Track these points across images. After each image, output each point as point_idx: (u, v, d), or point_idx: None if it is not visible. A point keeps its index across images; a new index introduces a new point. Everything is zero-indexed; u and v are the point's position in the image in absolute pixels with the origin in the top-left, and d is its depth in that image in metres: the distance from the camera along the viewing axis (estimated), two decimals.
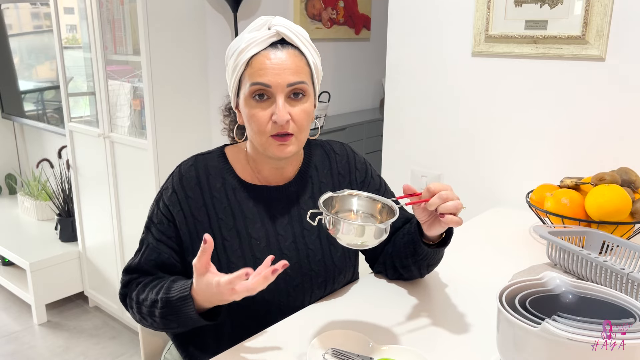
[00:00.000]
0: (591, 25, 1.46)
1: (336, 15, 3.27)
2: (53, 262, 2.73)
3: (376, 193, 1.14)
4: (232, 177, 1.06)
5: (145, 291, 1.00)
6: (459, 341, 0.94)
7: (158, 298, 0.96)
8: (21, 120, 3.37)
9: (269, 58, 0.94)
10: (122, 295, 1.07)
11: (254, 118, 0.97)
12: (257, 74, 0.95)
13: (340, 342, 0.91)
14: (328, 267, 1.09)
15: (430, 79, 1.82)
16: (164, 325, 0.98)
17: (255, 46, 0.95)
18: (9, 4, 3.24)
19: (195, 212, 1.03)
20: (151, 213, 1.07)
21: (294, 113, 0.96)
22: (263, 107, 0.96)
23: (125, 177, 2.40)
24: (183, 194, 1.03)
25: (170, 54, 2.20)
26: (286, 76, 0.94)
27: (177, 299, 0.92)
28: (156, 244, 1.04)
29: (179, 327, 0.97)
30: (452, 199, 0.91)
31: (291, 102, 0.97)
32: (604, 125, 1.50)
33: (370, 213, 0.94)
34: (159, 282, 1.00)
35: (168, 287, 0.96)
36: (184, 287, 0.93)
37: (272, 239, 1.05)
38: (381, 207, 0.93)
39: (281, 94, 0.95)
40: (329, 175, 1.13)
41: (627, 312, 0.73)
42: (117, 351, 2.48)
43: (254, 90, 0.95)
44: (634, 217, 1.27)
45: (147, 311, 0.98)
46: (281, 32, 0.96)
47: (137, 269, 1.05)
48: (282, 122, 0.94)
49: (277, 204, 1.07)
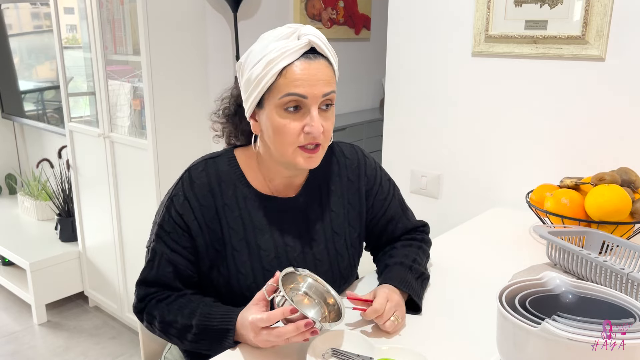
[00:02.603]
0: (591, 25, 1.46)
1: (336, 15, 3.27)
2: (53, 262, 2.72)
3: (382, 202, 1.15)
4: (243, 185, 1.04)
5: (172, 312, 0.98)
6: (459, 341, 0.94)
7: (193, 324, 0.95)
8: (21, 120, 3.37)
9: (303, 69, 0.92)
10: (137, 308, 1.04)
11: (285, 129, 0.94)
12: (292, 84, 0.92)
13: (340, 342, 0.91)
14: (335, 277, 1.09)
15: (430, 79, 1.82)
16: (190, 347, 0.98)
17: (289, 56, 0.92)
18: (9, 4, 3.24)
19: (208, 222, 1.01)
20: (161, 220, 1.02)
21: (325, 125, 0.96)
22: (295, 118, 0.94)
23: (125, 177, 2.40)
24: (196, 202, 1.01)
25: (170, 54, 2.20)
26: (321, 87, 0.93)
27: (219, 330, 0.92)
28: (170, 254, 1.01)
29: (208, 350, 0.96)
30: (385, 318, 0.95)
31: (321, 114, 0.96)
32: (604, 125, 1.50)
33: (323, 300, 0.95)
34: (187, 303, 0.99)
35: (207, 315, 0.95)
36: (227, 318, 0.92)
37: (281, 250, 1.04)
38: (333, 302, 0.94)
39: (315, 105, 0.94)
40: (338, 182, 1.12)
41: (627, 312, 0.73)
42: (117, 351, 2.48)
43: (287, 101, 0.93)
44: (633, 217, 1.27)
45: (176, 333, 0.97)
46: (313, 42, 0.93)
47: (154, 282, 1.02)
48: (317, 134, 0.94)
49: (286, 215, 1.06)
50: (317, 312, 0.94)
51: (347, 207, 1.12)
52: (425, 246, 1.18)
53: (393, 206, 1.17)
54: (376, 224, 1.16)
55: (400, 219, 1.18)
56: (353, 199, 1.13)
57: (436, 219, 1.89)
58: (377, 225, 1.17)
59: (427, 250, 1.18)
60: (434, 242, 1.36)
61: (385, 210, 1.16)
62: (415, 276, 1.06)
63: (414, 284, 1.04)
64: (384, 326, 0.95)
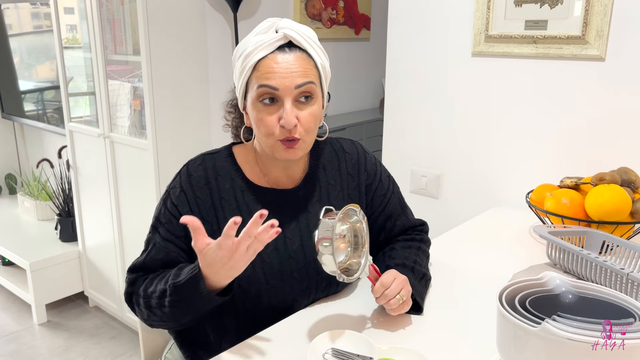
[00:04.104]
0: (591, 25, 1.46)
1: (336, 15, 3.27)
2: (53, 262, 2.73)
3: (382, 198, 1.16)
4: (240, 179, 1.05)
5: (153, 284, 0.97)
6: (459, 341, 0.94)
7: (167, 287, 0.93)
8: (21, 120, 3.37)
9: (276, 61, 0.94)
10: (127, 294, 1.03)
11: (262, 122, 0.96)
12: (264, 77, 0.94)
13: (340, 342, 0.91)
14: None
15: (431, 78, 1.82)
16: (173, 317, 0.95)
17: (263, 49, 0.94)
18: (9, 4, 3.24)
19: (204, 213, 1.02)
20: (158, 213, 1.04)
21: (302, 117, 0.96)
22: (270, 112, 0.96)
23: (125, 177, 2.40)
24: (192, 194, 1.02)
25: (170, 54, 2.20)
26: (294, 79, 0.94)
27: (186, 281, 0.89)
28: (164, 243, 1.02)
29: (189, 313, 0.94)
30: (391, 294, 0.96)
31: (299, 106, 0.96)
32: (604, 125, 1.50)
33: (354, 251, 0.96)
34: (166, 273, 0.98)
35: (175, 274, 0.93)
36: (192, 268, 0.90)
37: (280, 242, 1.05)
38: (357, 262, 0.96)
39: (289, 97, 0.94)
40: (338, 176, 1.13)
41: (627, 312, 0.73)
42: (117, 351, 2.48)
43: (261, 93, 0.95)
44: (634, 217, 1.27)
45: (156, 303, 0.95)
46: (288, 35, 0.95)
47: (142, 267, 1.03)
48: (289, 126, 0.94)
49: (285, 207, 1.07)
50: (344, 259, 0.95)
51: (348, 200, 1.12)
52: (425, 246, 1.18)
53: (392, 203, 1.17)
54: (375, 220, 1.16)
55: (399, 216, 1.18)
56: (353, 193, 1.13)
57: (436, 219, 1.89)
58: (376, 222, 1.17)
59: (426, 250, 1.18)
60: (434, 242, 1.36)
61: (384, 207, 1.16)
62: (417, 277, 1.06)
63: (416, 285, 1.05)
64: (389, 304, 0.96)
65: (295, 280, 1.04)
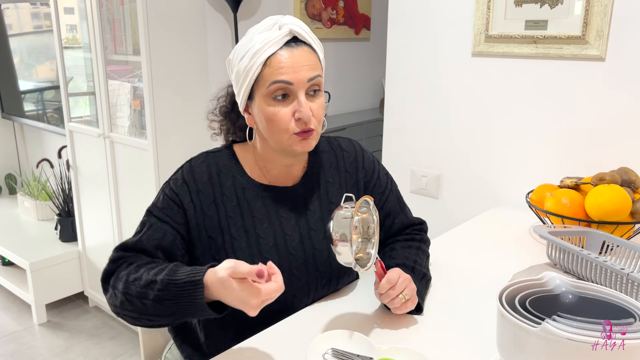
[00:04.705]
0: (591, 26, 1.46)
1: (336, 15, 3.27)
2: (53, 262, 2.72)
3: (380, 195, 1.17)
4: (241, 176, 1.06)
5: (140, 271, 0.93)
6: (459, 341, 0.94)
7: (157, 279, 0.89)
8: (21, 120, 3.37)
9: (287, 57, 0.95)
10: (106, 272, 0.98)
11: (276, 117, 0.97)
12: (277, 72, 0.95)
13: (340, 342, 0.91)
14: (334, 268, 1.09)
15: (431, 79, 1.82)
16: (153, 312, 0.90)
17: (272, 46, 0.95)
18: (9, 4, 3.24)
19: (205, 208, 1.03)
20: (156, 200, 1.04)
21: (314, 108, 0.98)
22: (284, 105, 0.97)
23: (125, 177, 2.40)
24: (195, 186, 1.02)
25: (170, 54, 2.20)
26: (305, 72, 0.96)
27: (185, 282, 0.86)
28: (160, 224, 1.00)
29: (171, 315, 0.89)
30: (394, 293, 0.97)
31: (309, 98, 0.98)
32: (604, 125, 1.50)
33: (364, 243, 0.97)
34: (158, 265, 0.94)
35: (172, 270, 0.89)
36: (194, 272, 0.87)
37: (280, 239, 1.05)
38: (366, 253, 0.97)
39: (302, 90, 0.96)
40: (336, 174, 1.14)
41: (627, 312, 0.73)
42: (117, 351, 2.48)
43: (275, 89, 0.95)
44: (634, 217, 1.27)
45: (136, 292, 0.90)
46: (294, 31, 0.96)
47: (134, 247, 0.99)
48: (307, 118, 0.95)
49: (285, 205, 1.07)
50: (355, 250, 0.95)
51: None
52: (425, 246, 1.18)
53: (391, 200, 1.18)
54: None
55: (397, 214, 1.18)
56: (352, 190, 1.14)
57: (436, 219, 1.89)
58: None
59: (426, 250, 1.18)
60: (434, 242, 1.36)
61: (382, 204, 1.17)
62: (418, 277, 1.07)
63: (418, 285, 1.05)
64: (393, 302, 0.97)
65: (294, 277, 1.04)
